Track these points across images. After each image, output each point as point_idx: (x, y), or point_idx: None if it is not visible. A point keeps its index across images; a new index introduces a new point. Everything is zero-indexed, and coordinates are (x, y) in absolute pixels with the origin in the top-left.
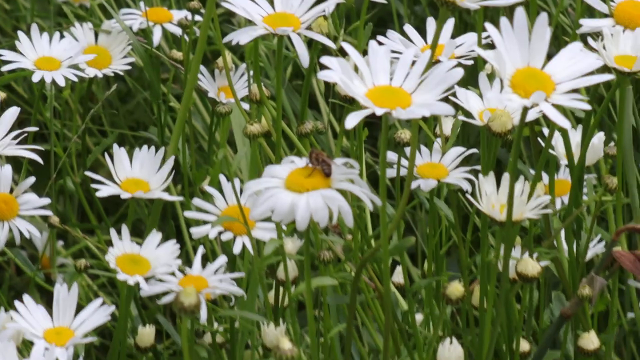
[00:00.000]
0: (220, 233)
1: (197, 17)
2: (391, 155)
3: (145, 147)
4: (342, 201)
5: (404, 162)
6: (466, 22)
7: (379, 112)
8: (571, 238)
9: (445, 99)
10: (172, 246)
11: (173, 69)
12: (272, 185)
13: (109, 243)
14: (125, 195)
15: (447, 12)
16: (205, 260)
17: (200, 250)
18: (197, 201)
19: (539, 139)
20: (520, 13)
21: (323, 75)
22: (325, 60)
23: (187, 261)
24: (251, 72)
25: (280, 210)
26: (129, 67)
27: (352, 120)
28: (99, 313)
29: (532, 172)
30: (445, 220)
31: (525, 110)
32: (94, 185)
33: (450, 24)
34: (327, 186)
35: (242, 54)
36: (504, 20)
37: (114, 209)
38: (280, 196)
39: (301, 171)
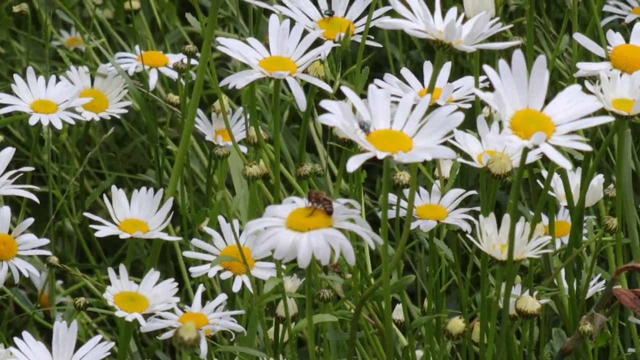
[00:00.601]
0: (219, 272)
1: (193, 61)
2: (390, 197)
3: (144, 188)
4: (343, 240)
5: (403, 203)
6: (462, 67)
7: (381, 155)
8: (571, 277)
9: (445, 142)
10: (170, 284)
11: (170, 113)
12: (274, 224)
13: (108, 283)
14: (123, 235)
15: (444, 55)
16: (205, 299)
17: (201, 288)
18: (196, 241)
19: (538, 181)
20: (518, 55)
21: (324, 119)
22: (325, 104)
23: (187, 300)
24: (248, 116)
25: (282, 249)
26: (125, 111)
27: (354, 163)
28: (98, 349)
29: (532, 214)
30: (444, 260)
31: (525, 151)
32: (92, 226)
33: (447, 67)
34: (329, 225)
35: (239, 97)
36: (502, 63)
37: (112, 251)
38: (282, 235)
39: (302, 211)
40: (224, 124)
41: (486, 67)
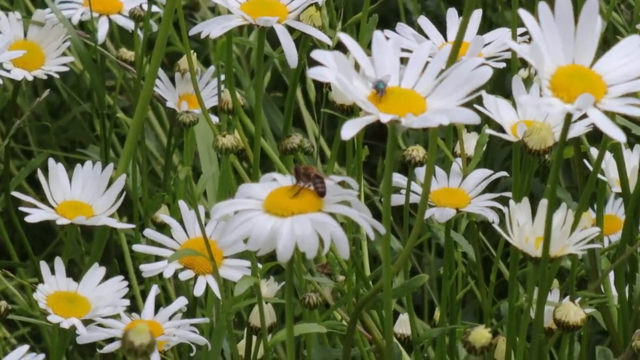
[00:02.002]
0: (178, 271)
1: (154, 8)
2: (398, 178)
3: (88, 163)
4: (335, 227)
5: (415, 186)
6: (491, 21)
7: (385, 119)
8: (622, 282)
9: (469, 107)
10: (119, 283)
11: (121, 74)
12: (248, 207)
13: (37, 283)
14: (62, 220)
15: None
16: (159, 306)
17: (154, 289)
18: (149, 232)
19: (585, 161)
20: None
21: (314, 73)
22: (317, 54)
23: (133, 309)
24: (222, 77)
25: (257, 237)
26: (65, 69)
27: (351, 128)
28: None
29: (576, 204)
30: (461, 262)
31: (568, 118)
32: (23, 209)
33: (476, 16)
34: (318, 209)
35: (207, 57)
36: (543, 7)
37: (40, 248)
38: (259, 220)
39: (285, 191)
40: (190, 88)
41: (522, 12)
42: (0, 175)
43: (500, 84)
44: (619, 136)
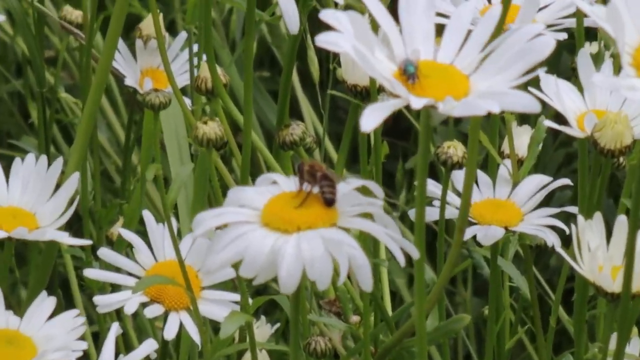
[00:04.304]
0: (143, 306)
1: None
2: (430, 186)
3: (30, 156)
4: (354, 248)
5: (452, 197)
6: None
7: (418, 103)
8: None
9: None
10: (73, 320)
11: (65, 42)
12: (242, 219)
13: None
14: None
15: None
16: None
17: (114, 328)
18: (105, 252)
19: None
20: None
21: (324, 40)
22: (328, 14)
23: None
24: (195, 47)
25: (253, 259)
26: None
27: (373, 116)
28: None
29: None
30: (508, 305)
31: None
32: None
33: None
34: (331, 223)
35: (172, 22)
36: None
37: None
38: (255, 236)
39: (289, 198)
40: (154, 60)
41: None
42: None
43: (554, 64)
44: None
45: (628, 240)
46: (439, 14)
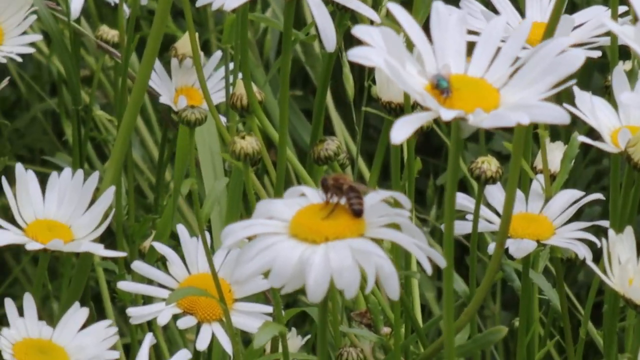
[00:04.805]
0: (176, 317)
1: None
2: (463, 200)
3: (67, 171)
4: (382, 258)
5: (486, 211)
6: (573, 3)
7: (448, 115)
8: None
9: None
10: (105, 330)
11: (100, 61)
12: (270, 230)
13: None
14: (32, 245)
15: None
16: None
17: (149, 338)
18: (139, 265)
19: None
20: None
21: (357, 54)
22: (360, 30)
23: None
24: (231, 65)
25: (282, 269)
26: (30, 50)
27: (403, 129)
28: None
29: None
30: (537, 312)
31: None
32: None
33: None
34: (359, 233)
35: (206, 42)
36: None
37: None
38: (283, 247)
39: (317, 210)
40: (189, 79)
41: None
42: None
43: (586, 83)
44: None
45: None
46: (471, 32)
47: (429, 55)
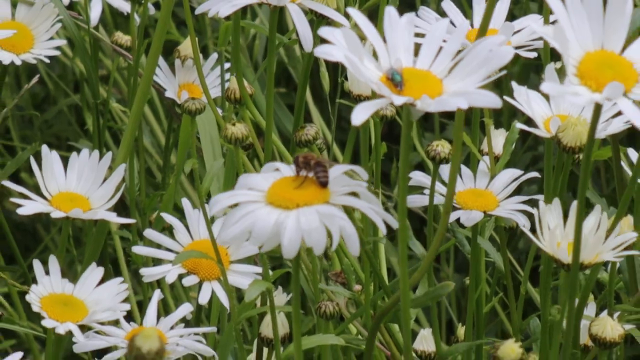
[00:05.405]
0: (181, 276)
1: None
2: (421, 177)
3: (85, 151)
4: (344, 220)
5: (440, 187)
6: (513, 16)
7: (399, 101)
8: None
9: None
10: (118, 286)
11: (116, 62)
12: (250, 199)
13: (31, 282)
14: (57, 214)
15: None
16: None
17: (157, 294)
18: (150, 233)
19: (623, 164)
20: None
21: (322, 51)
22: (325, 31)
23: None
24: (226, 65)
25: (260, 232)
26: (57, 52)
27: (361, 112)
28: None
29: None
30: (484, 273)
31: (597, 108)
32: (15, 200)
33: (506, 1)
34: (325, 201)
35: (205, 48)
36: None
37: (24, 252)
38: (261, 213)
39: (289, 182)
40: (190, 76)
41: None
42: None
43: (524, 81)
44: None
45: (577, 218)
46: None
47: (383, 51)
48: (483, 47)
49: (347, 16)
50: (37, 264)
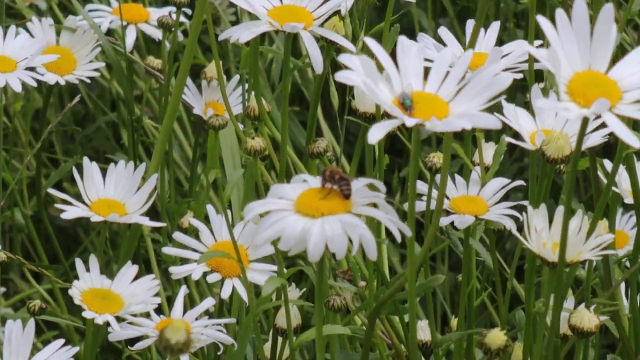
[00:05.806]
0: (205, 274)
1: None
2: (419, 185)
3: (122, 162)
4: (364, 229)
5: (436, 193)
6: (501, 41)
7: (410, 122)
8: (635, 291)
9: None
10: (150, 282)
11: (148, 82)
12: (280, 207)
13: (72, 279)
14: (96, 218)
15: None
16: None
17: (183, 289)
18: (179, 235)
19: (600, 174)
20: (580, 5)
21: (341, 76)
22: (345, 58)
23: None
24: (246, 86)
25: (289, 237)
26: (97, 74)
27: (377, 132)
28: (59, 355)
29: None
30: (475, 270)
31: (585, 122)
32: (59, 206)
33: (494, 28)
34: (346, 210)
35: (227, 71)
36: (560, 13)
37: (66, 254)
38: (290, 220)
39: (315, 192)
40: (215, 95)
41: (540, 18)
42: (32, 181)
43: (512, 99)
44: (634, 142)
45: (563, 222)
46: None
47: (395, 77)
48: (486, 74)
49: (353, 41)
50: (79, 262)
